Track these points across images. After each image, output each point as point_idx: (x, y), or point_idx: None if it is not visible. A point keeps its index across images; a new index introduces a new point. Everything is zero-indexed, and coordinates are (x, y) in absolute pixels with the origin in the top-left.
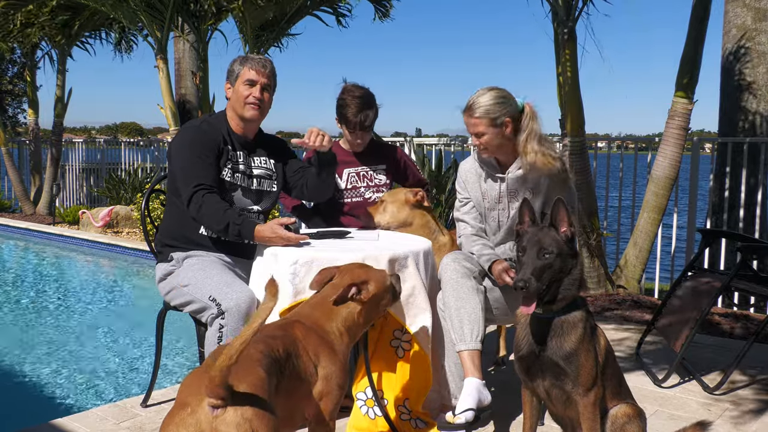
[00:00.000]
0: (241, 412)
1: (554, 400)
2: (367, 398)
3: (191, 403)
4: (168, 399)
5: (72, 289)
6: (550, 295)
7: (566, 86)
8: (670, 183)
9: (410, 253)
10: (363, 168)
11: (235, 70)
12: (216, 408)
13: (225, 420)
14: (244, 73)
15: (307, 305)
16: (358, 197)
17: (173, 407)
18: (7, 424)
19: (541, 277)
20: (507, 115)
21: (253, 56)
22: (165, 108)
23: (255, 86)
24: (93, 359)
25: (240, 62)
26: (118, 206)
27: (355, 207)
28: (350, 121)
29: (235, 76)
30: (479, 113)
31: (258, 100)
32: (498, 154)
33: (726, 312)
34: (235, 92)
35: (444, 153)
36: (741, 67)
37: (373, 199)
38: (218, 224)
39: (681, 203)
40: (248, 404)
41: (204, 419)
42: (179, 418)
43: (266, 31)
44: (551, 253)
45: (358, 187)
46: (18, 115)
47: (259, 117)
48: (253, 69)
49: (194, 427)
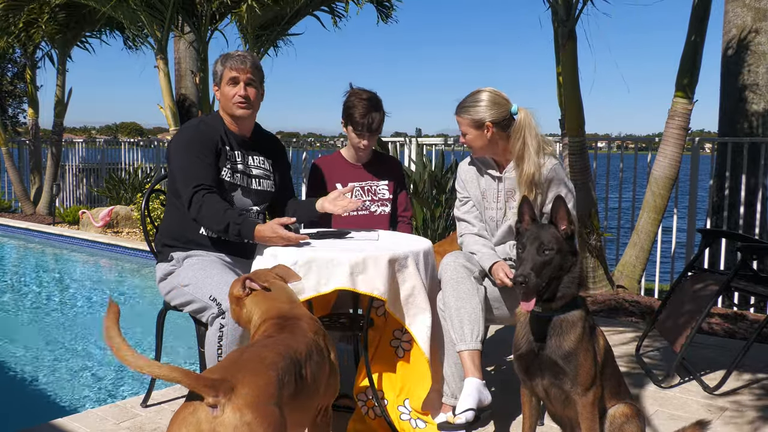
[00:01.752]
0: (240, 415)
1: (553, 400)
2: (367, 399)
3: (194, 401)
4: (168, 399)
5: (72, 290)
6: (549, 292)
7: (566, 86)
8: (670, 183)
9: (410, 253)
10: (368, 182)
11: (218, 71)
12: (214, 408)
13: (223, 421)
14: (226, 73)
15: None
16: (364, 210)
17: (181, 405)
18: (7, 424)
19: (541, 274)
20: (490, 119)
21: (233, 54)
22: (165, 108)
23: (239, 84)
24: (93, 359)
25: (221, 62)
26: (118, 206)
27: (361, 221)
28: (358, 123)
29: (219, 78)
30: (462, 113)
31: (244, 98)
32: (488, 154)
33: (726, 312)
34: (222, 94)
35: (444, 153)
36: (741, 67)
37: (379, 213)
38: (218, 224)
39: (681, 203)
40: (250, 408)
41: (204, 419)
42: (182, 417)
43: (266, 31)
44: (551, 249)
45: (363, 200)
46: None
47: (250, 113)
48: (234, 68)
49: (194, 426)
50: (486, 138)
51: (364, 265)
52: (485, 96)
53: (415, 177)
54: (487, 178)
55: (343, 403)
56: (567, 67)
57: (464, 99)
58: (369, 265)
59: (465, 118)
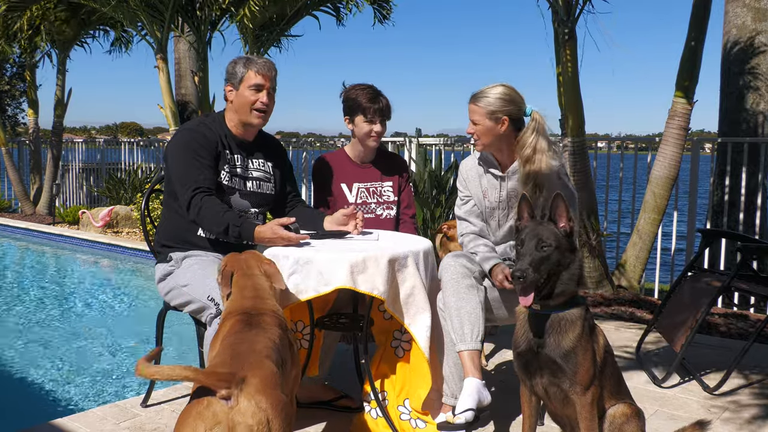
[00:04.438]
0: (255, 402)
1: (552, 398)
2: (371, 399)
3: (206, 396)
4: (168, 399)
5: (72, 289)
6: (548, 289)
7: (566, 86)
8: (670, 183)
9: (410, 253)
10: (373, 183)
11: (238, 72)
12: (227, 399)
13: (240, 410)
14: (250, 77)
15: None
16: (369, 213)
17: (189, 402)
18: (7, 424)
19: (539, 269)
20: (507, 114)
21: (257, 59)
22: (165, 108)
23: (262, 92)
24: (93, 359)
25: (244, 65)
26: (118, 206)
27: (367, 224)
28: (368, 108)
29: (239, 79)
30: (481, 102)
31: (265, 106)
32: (492, 150)
33: (726, 312)
34: (240, 96)
35: (444, 153)
36: (741, 67)
37: (384, 217)
38: (218, 226)
39: (681, 203)
40: (262, 394)
41: (219, 411)
42: (196, 411)
43: (266, 31)
44: (549, 245)
45: (369, 203)
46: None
47: (265, 123)
48: (260, 74)
49: (212, 419)
50: (498, 132)
51: (365, 265)
52: (506, 90)
53: (415, 177)
54: (489, 177)
55: (343, 403)
56: (567, 67)
57: (483, 89)
58: (369, 265)
59: (481, 107)
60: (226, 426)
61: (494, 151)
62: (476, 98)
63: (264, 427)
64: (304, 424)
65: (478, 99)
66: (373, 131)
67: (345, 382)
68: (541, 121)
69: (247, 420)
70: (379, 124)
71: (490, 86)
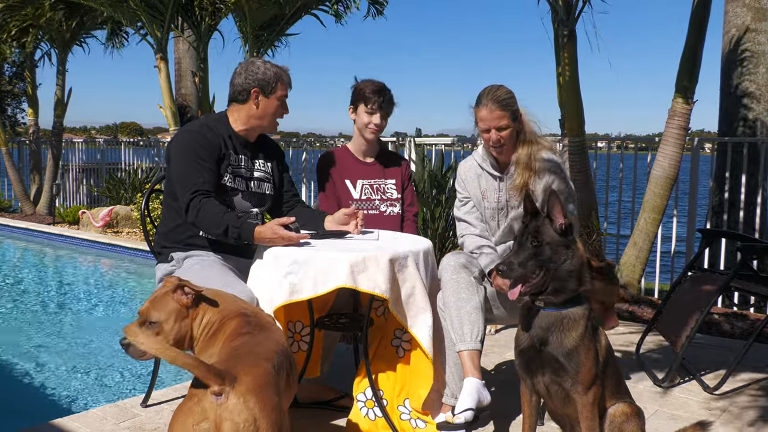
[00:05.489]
0: (244, 400)
1: (553, 397)
2: (366, 399)
3: (197, 393)
4: (168, 399)
5: (72, 289)
6: (545, 285)
7: (566, 86)
8: (670, 183)
9: (410, 253)
10: (376, 180)
11: (271, 81)
12: (218, 396)
13: (228, 407)
14: (280, 89)
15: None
16: (373, 209)
17: (183, 399)
18: (7, 424)
19: (527, 264)
20: (520, 110)
21: (286, 71)
22: (165, 108)
23: (285, 105)
24: (93, 359)
25: (276, 75)
26: (118, 206)
27: (370, 220)
28: (369, 98)
29: (271, 89)
30: (503, 105)
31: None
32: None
33: (726, 312)
34: (269, 105)
35: (444, 153)
36: (741, 67)
37: (388, 213)
38: (217, 228)
39: (681, 203)
40: (252, 394)
41: (209, 407)
42: (187, 408)
43: (266, 31)
44: (540, 241)
45: (373, 200)
46: (17, 115)
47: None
48: (287, 87)
49: (200, 415)
50: (515, 131)
51: (365, 264)
52: (506, 89)
53: (415, 177)
54: (488, 177)
55: (343, 403)
56: (567, 67)
57: (493, 94)
58: (370, 264)
59: (505, 110)
60: (213, 422)
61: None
62: (497, 103)
63: (251, 426)
64: (304, 424)
65: (500, 103)
66: (372, 123)
67: (345, 382)
68: (526, 119)
69: (234, 417)
70: (379, 117)
71: (494, 90)
